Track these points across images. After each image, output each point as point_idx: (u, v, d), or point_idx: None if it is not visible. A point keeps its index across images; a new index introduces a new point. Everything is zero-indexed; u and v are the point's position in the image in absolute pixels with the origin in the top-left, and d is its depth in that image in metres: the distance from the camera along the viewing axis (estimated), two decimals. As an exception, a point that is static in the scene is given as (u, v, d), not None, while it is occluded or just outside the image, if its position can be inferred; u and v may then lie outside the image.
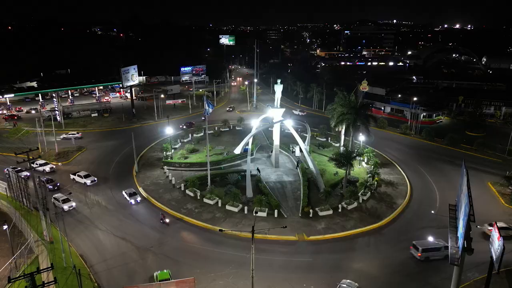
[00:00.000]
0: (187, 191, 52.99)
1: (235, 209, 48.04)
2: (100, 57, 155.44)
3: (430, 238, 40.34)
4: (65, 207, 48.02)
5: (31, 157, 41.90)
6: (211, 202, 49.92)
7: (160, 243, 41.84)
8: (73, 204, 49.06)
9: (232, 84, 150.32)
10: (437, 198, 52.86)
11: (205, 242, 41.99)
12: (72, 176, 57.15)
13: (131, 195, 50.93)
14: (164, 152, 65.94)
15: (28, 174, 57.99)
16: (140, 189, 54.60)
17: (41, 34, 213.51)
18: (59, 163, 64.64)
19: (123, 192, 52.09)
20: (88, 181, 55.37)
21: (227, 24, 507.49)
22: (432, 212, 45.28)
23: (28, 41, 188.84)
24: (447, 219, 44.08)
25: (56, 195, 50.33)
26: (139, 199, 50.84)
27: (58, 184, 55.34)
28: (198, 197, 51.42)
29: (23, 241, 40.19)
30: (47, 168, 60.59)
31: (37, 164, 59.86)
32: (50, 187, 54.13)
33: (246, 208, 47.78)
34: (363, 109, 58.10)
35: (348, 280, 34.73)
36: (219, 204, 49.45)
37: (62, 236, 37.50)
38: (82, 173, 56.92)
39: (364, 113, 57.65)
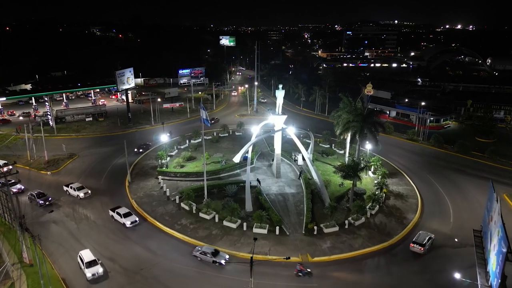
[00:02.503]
0: (182, 204, 49.46)
1: (233, 225, 44.47)
2: (98, 59, 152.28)
3: None
4: (88, 274, 35.59)
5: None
6: (208, 217, 46.37)
7: (150, 265, 38.28)
8: (100, 270, 36.12)
9: (233, 94, 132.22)
10: (450, 211, 49.20)
11: (200, 264, 38.36)
12: (111, 213, 46.82)
13: (214, 254, 38.49)
14: (159, 160, 62.40)
15: (22, 187, 54.58)
16: (132, 202, 51.08)
17: (40, 35, 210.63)
18: (48, 172, 61.20)
19: (196, 254, 38.94)
20: (127, 222, 44.62)
21: (227, 25, 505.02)
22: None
23: (26, 42, 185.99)
24: (463, 239, 41.24)
25: (82, 253, 37.55)
26: (227, 256, 38.85)
27: (50, 199, 50.79)
28: (194, 211, 47.87)
29: (1, 263, 36.68)
30: (81, 194, 51.74)
31: (72, 188, 52.43)
32: (41, 202, 49.95)
33: (245, 224, 44.20)
34: (370, 116, 54.35)
35: (424, 231, 41.67)
36: (216, 219, 45.88)
37: (40, 259, 33.91)
38: (122, 211, 46.02)
39: (372, 120, 53.93)
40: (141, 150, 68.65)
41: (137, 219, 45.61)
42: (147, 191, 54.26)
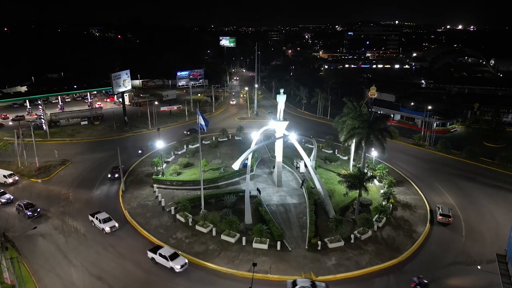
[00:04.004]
0: (177, 216, 46.69)
1: (232, 240, 41.69)
2: (97, 60, 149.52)
3: None
4: None
5: None
6: (205, 230, 43.59)
7: (143, 284, 35.54)
8: None
9: (231, 103, 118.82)
10: (462, 224, 46.38)
11: (196, 284, 35.59)
12: (150, 255, 38.74)
13: (313, 286, 33.54)
14: (155, 167, 59.65)
15: (12, 197, 51.80)
16: (125, 213, 48.31)
17: (38, 36, 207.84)
18: (39, 180, 58.43)
19: None
20: (177, 266, 36.77)
21: (228, 25, 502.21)
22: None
23: (24, 42, 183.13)
24: (477, 255, 38.41)
25: None
26: (324, 284, 34.55)
27: (39, 210, 47.66)
28: (190, 223, 45.10)
29: (-20, 284, 33.99)
30: (106, 228, 43.58)
31: (97, 219, 44.43)
32: (29, 213, 46.98)
33: (244, 238, 41.41)
34: (377, 122, 51.47)
35: (442, 205, 48.12)
36: (214, 233, 43.13)
37: (19, 280, 31.20)
38: (167, 252, 38.18)
39: (378, 127, 51.08)
40: (116, 176, 57.51)
41: (186, 261, 37.69)
42: (141, 200, 51.50)
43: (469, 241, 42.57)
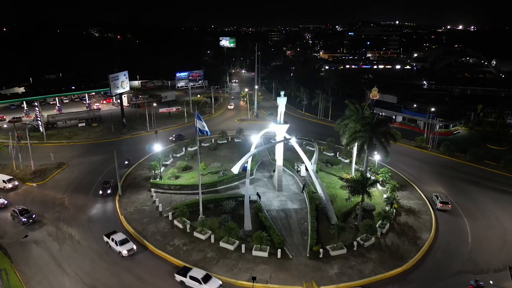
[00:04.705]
0: (175, 222, 45.43)
1: (231, 247, 40.42)
2: (96, 61, 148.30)
3: None
4: None
5: None
6: (203, 237, 42.32)
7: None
8: None
9: (229, 107, 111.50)
10: (467, 230, 45.13)
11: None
12: (179, 278, 35.48)
13: None
14: (152, 171, 58.38)
15: (6, 202, 50.51)
16: (122, 218, 47.04)
17: (38, 36, 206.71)
18: (34, 184, 57.14)
19: None
20: None
21: (228, 25, 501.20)
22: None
23: (23, 43, 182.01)
24: (483, 263, 37.15)
25: None
26: None
27: (34, 216, 46.33)
28: (188, 230, 43.85)
29: (-31, 295, 32.73)
30: (124, 251, 39.44)
31: (113, 240, 40.43)
32: (24, 219, 45.67)
33: (243, 246, 40.12)
34: (380, 125, 50.18)
35: (438, 193, 51.71)
36: (212, 240, 41.87)
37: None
38: (199, 274, 34.95)
39: (381, 130, 49.79)
40: (108, 192, 53.04)
41: (220, 282, 34.87)
42: (138, 205, 50.20)
43: (475, 249, 41.28)
